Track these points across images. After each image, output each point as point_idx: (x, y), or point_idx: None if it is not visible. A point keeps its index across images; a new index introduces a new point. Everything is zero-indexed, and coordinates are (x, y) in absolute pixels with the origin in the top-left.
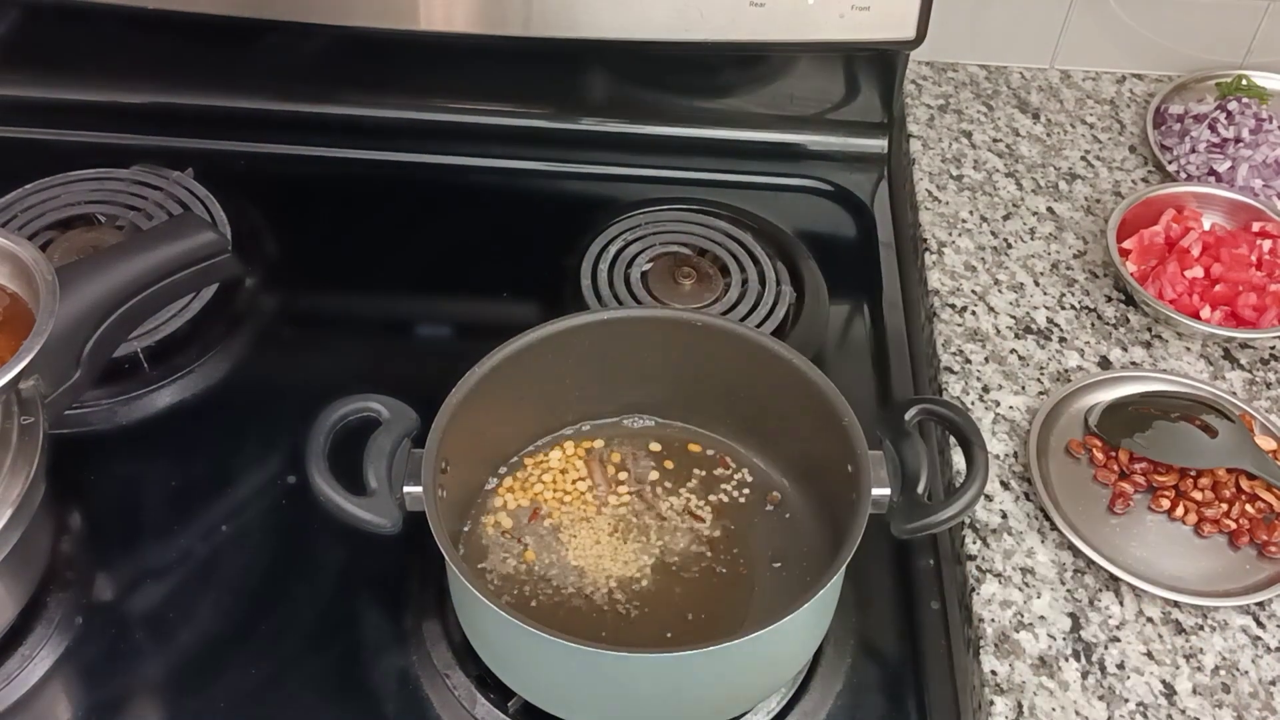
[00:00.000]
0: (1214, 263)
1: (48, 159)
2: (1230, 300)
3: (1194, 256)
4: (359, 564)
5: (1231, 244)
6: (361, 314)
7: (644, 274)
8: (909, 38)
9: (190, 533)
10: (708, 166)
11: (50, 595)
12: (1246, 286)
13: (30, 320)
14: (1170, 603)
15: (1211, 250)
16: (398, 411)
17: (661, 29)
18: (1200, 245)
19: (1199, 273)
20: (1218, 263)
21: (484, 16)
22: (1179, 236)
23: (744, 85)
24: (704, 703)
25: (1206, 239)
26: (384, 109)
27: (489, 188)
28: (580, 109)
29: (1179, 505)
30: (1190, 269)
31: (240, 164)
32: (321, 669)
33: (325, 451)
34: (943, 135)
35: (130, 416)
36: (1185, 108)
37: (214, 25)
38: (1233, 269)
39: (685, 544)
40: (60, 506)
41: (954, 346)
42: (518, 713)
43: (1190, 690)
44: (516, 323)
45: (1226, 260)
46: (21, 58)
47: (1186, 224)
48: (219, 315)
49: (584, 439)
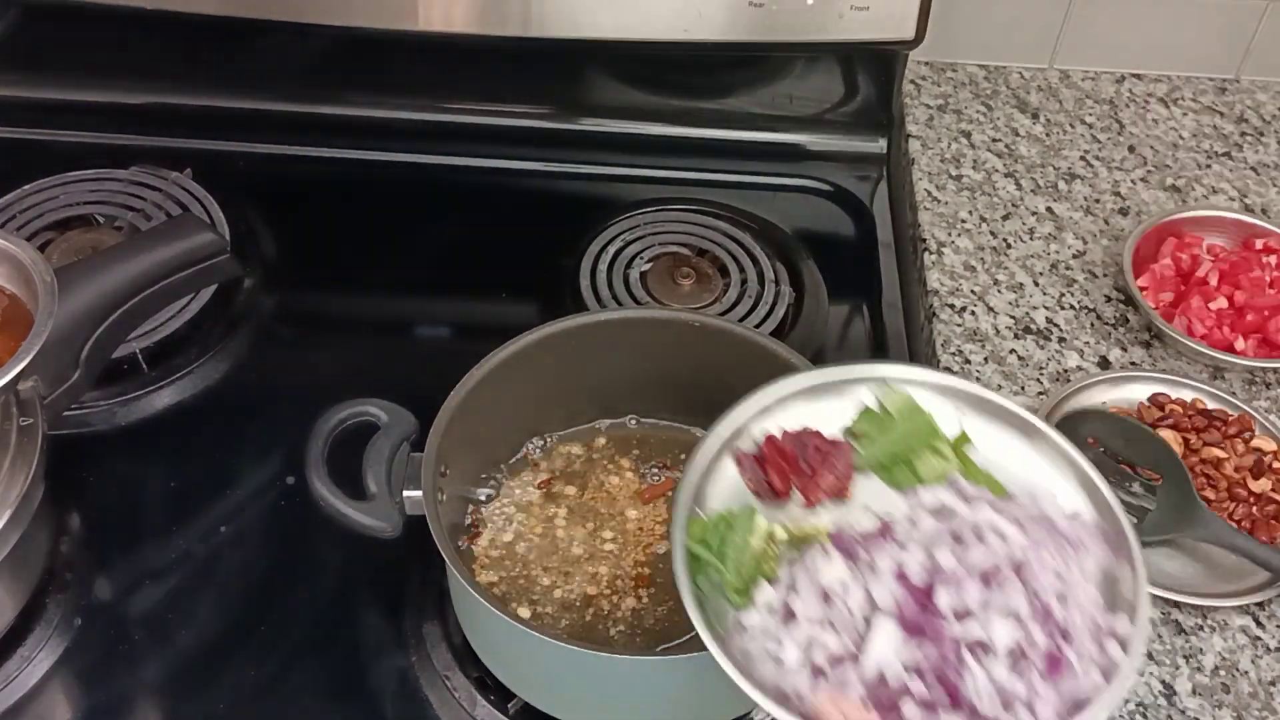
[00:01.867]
0: (1235, 290)
1: (46, 159)
2: (1261, 328)
3: (1214, 288)
4: (359, 565)
5: (1245, 268)
6: (360, 314)
7: (643, 274)
8: (908, 38)
9: (189, 533)
10: (708, 166)
11: (49, 596)
12: (1272, 311)
13: (29, 321)
14: (1170, 603)
15: (1229, 278)
16: (396, 415)
17: (661, 29)
18: (1217, 274)
19: (1223, 304)
20: (1239, 290)
21: (483, 16)
22: (1191, 267)
23: (744, 85)
24: (702, 705)
25: (1221, 266)
26: (383, 109)
27: (488, 188)
28: (580, 109)
29: None
30: (1213, 301)
31: (239, 164)
32: (321, 670)
33: (324, 456)
34: (942, 135)
35: (129, 417)
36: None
37: (213, 25)
38: (1255, 294)
39: None
40: (59, 507)
41: (953, 347)
42: (518, 714)
43: (1190, 690)
44: (515, 323)
45: (1246, 286)
46: (20, 58)
47: (1192, 252)
48: (218, 316)
49: (584, 440)
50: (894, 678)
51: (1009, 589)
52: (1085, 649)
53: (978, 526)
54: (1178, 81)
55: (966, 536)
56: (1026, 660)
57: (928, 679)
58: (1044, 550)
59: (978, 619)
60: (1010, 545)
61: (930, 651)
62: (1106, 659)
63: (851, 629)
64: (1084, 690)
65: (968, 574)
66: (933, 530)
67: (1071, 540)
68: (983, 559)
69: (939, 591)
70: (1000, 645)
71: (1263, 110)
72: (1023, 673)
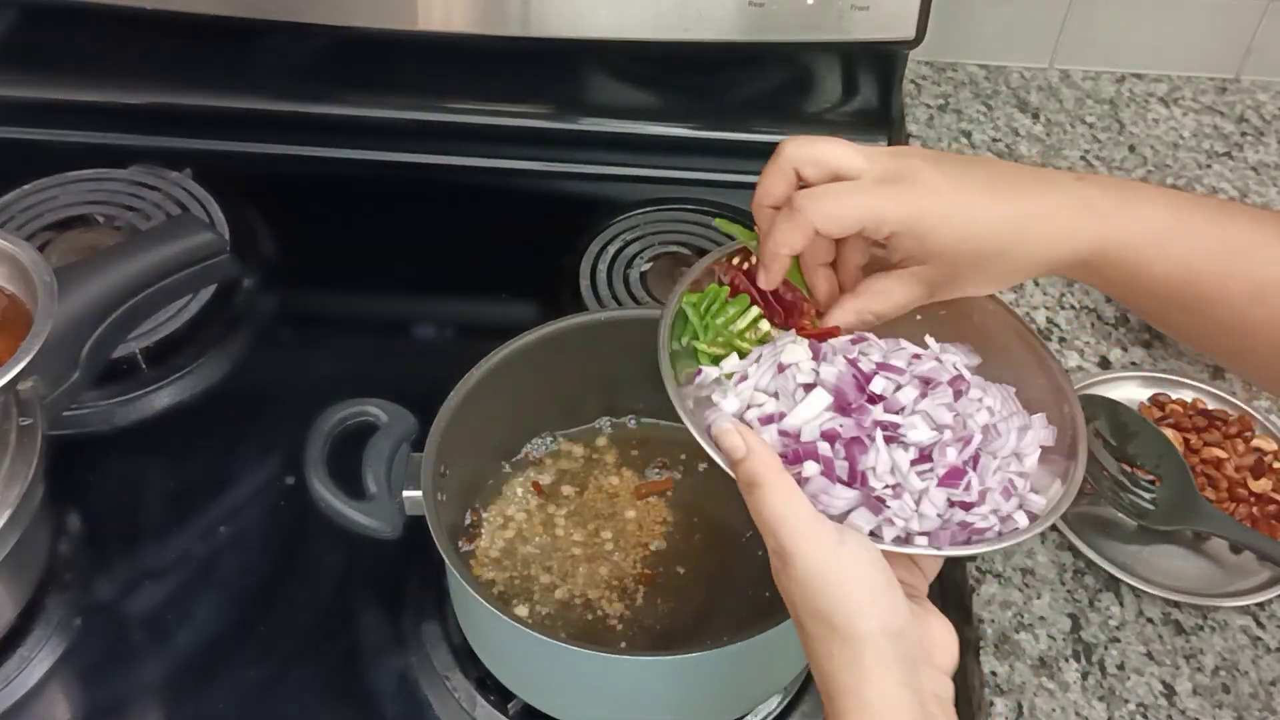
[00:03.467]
0: None
1: (45, 159)
2: None
3: None
4: (358, 565)
5: None
6: (360, 314)
7: (643, 274)
8: (908, 37)
9: (189, 534)
10: (708, 166)
11: (49, 596)
12: None
13: (28, 321)
14: (1170, 603)
15: None
16: (396, 415)
17: (661, 29)
18: None
19: None
20: None
21: (483, 16)
22: None
23: (744, 85)
24: (702, 706)
25: None
26: (383, 109)
27: (487, 188)
28: (580, 109)
29: None
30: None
31: (238, 164)
32: (321, 671)
33: (324, 456)
34: (942, 135)
35: (129, 417)
36: None
37: (212, 25)
38: None
39: (686, 546)
40: (59, 508)
41: None
42: (517, 715)
43: (1190, 691)
44: (515, 323)
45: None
46: (19, 58)
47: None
48: (217, 316)
49: (584, 439)
50: (808, 435)
51: (940, 399)
52: (990, 485)
53: (939, 358)
54: (1178, 81)
55: (925, 356)
56: (931, 464)
57: (835, 446)
58: (989, 394)
59: (903, 414)
60: (960, 373)
61: (849, 425)
62: (1006, 514)
63: (790, 398)
64: (974, 523)
65: (910, 376)
66: (896, 346)
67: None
68: (928, 371)
69: (876, 380)
70: (913, 440)
71: (1263, 110)
72: (923, 474)
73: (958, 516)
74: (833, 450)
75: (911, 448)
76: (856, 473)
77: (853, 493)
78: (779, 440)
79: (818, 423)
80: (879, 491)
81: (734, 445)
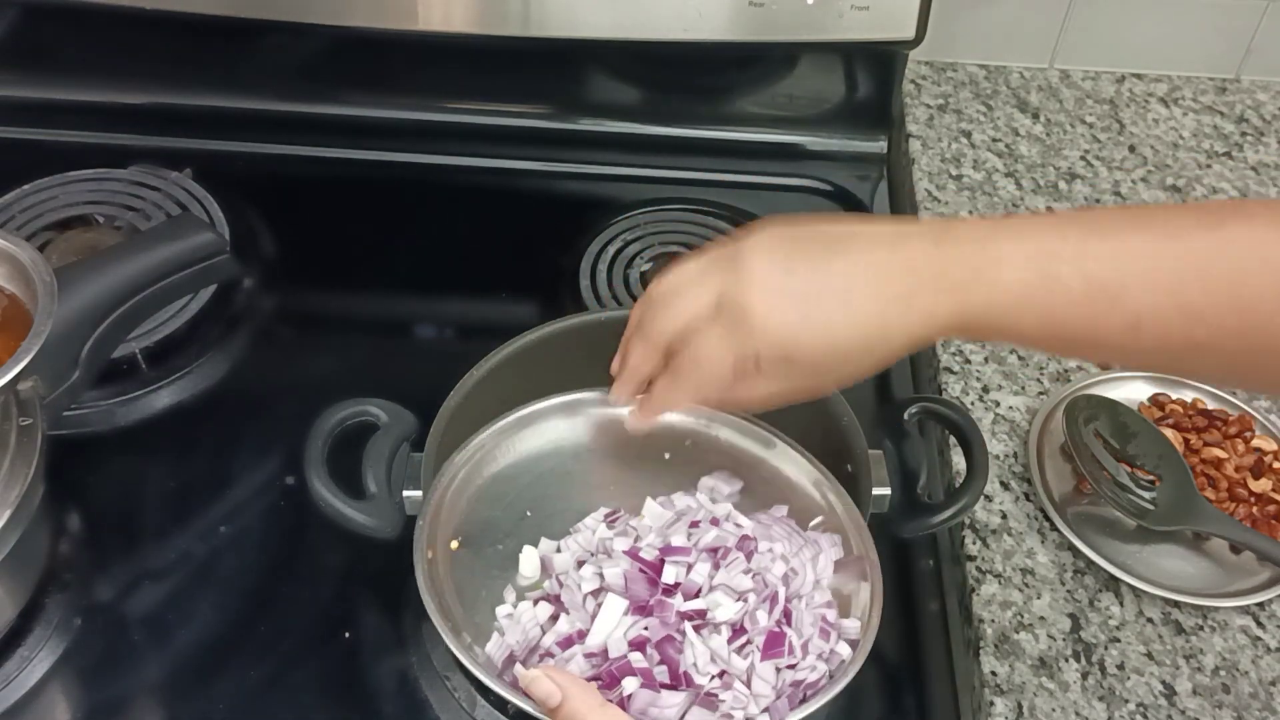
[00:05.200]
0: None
1: (45, 159)
2: None
3: None
4: (359, 564)
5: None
6: (360, 314)
7: (643, 274)
8: (908, 37)
9: (189, 533)
10: (708, 166)
11: (49, 596)
12: None
13: (28, 321)
14: (1170, 603)
15: None
16: (396, 415)
17: (661, 29)
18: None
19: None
20: None
21: (483, 16)
22: None
23: (744, 85)
24: None
25: None
26: (383, 109)
27: (487, 188)
28: (580, 109)
29: None
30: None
31: (239, 164)
32: (321, 670)
33: (324, 456)
34: (942, 135)
35: (129, 417)
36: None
37: (212, 25)
38: None
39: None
40: (59, 508)
41: (953, 346)
42: (517, 714)
43: (1190, 691)
44: (515, 323)
45: None
46: (19, 58)
47: None
48: (217, 316)
49: None
50: (616, 651)
51: (735, 568)
52: (808, 634)
53: (715, 517)
54: (1178, 81)
55: (703, 524)
56: (747, 634)
57: (648, 651)
58: (776, 541)
59: (703, 595)
60: (744, 531)
61: (655, 625)
62: (831, 653)
63: (582, 610)
64: (806, 679)
65: (697, 552)
66: (671, 518)
67: (808, 541)
68: (713, 541)
69: (667, 568)
70: (722, 619)
71: (1263, 110)
72: (744, 650)
73: (789, 678)
74: (646, 657)
75: (723, 626)
76: (679, 675)
77: (680, 695)
78: (586, 663)
79: (621, 632)
80: (708, 687)
81: (548, 692)
